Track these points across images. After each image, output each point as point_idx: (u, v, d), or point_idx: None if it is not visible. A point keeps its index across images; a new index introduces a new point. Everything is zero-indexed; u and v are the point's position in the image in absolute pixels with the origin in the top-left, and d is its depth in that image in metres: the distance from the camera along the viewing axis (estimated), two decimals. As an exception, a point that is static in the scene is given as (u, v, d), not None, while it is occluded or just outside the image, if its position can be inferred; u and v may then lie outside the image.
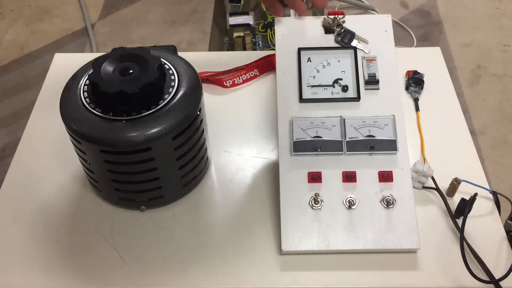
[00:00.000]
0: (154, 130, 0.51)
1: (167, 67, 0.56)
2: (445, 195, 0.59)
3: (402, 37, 1.38)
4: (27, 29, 1.53)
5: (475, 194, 0.56)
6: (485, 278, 0.52)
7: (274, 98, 0.70)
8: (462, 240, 0.53)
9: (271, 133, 0.67)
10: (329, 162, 0.57)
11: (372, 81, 0.60)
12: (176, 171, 0.57)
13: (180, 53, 0.67)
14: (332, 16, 0.63)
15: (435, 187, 0.60)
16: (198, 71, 0.58)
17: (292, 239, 0.54)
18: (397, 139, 0.57)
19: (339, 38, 0.62)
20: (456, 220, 0.57)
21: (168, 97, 0.54)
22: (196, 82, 0.56)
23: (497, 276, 0.52)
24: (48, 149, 0.67)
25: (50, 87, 0.75)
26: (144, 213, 0.60)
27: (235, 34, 1.29)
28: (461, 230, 0.54)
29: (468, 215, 0.56)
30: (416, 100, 0.70)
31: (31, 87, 1.33)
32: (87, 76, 0.56)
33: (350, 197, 0.55)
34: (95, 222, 0.59)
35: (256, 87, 0.74)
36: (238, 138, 0.67)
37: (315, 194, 0.56)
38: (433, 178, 0.60)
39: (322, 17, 0.64)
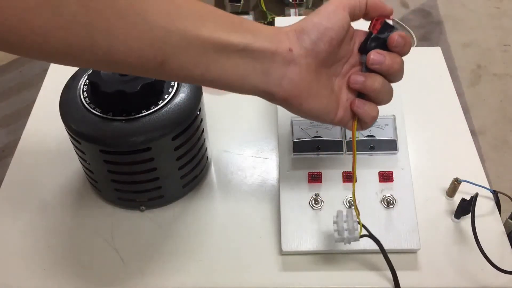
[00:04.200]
0: (153, 130, 0.51)
1: (167, 67, 0.56)
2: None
3: (402, 37, 1.38)
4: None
5: (476, 194, 0.55)
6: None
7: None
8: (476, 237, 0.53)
9: (271, 133, 0.67)
10: (329, 162, 0.57)
11: (372, 81, 0.60)
12: (176, 171, 0.57)
13: (180, 53, 0.66)
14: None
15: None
16: (198, 71, 0.58)
17: (292, 239, 0.54)
18: (397, 139, 0.57)
19: (339, 38, 0.62)
20: (457, 220, 0.57)
21: (168, 97, 0.53)
22: (196, 82, 0.56)
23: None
24: (48, 149, 0.67)
25: (50, 87, 0.75)
26: (144, 213, 0.60)
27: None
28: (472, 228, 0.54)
29: (468, 215, 0.56)
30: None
31: (30, 87, 1.33)
32: (86, 76, 0.56)
33: (350, 197, 0.55)
34: (94, 222, 0.59)
35: (256, 87, 0.74)
36: (238, 138, 0.67)
37: (315, 194, 0.55)
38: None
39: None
